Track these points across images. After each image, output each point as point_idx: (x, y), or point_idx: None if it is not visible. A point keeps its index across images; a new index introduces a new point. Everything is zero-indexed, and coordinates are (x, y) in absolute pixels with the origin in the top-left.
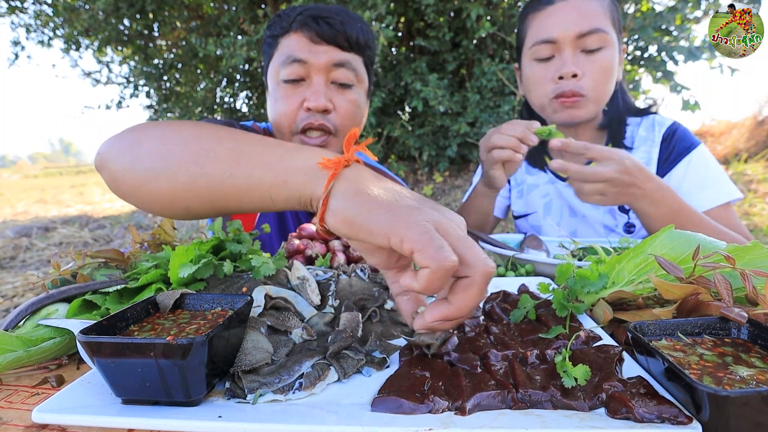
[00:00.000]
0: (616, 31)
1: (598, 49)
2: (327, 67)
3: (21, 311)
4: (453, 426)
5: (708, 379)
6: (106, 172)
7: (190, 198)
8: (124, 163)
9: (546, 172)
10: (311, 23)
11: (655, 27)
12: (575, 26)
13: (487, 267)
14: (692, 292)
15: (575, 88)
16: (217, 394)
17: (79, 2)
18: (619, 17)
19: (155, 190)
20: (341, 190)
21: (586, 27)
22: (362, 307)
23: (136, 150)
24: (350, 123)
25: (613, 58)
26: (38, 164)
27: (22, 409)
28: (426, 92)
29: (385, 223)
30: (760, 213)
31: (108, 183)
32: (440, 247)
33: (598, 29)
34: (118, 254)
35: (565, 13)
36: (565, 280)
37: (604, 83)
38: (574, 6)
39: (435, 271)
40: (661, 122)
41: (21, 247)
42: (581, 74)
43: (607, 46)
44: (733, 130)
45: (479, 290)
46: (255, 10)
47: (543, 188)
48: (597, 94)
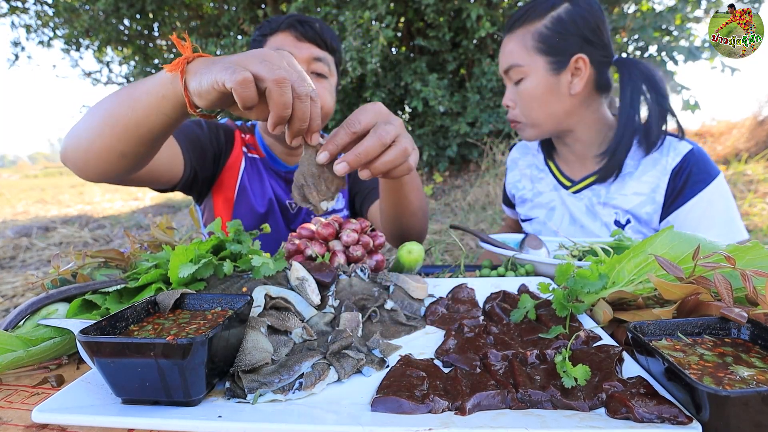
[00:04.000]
0: (549, 53)
1: (519, 81)
2: (308, 60)
3: (21, 311)
4: (453, 426)
5: (708, 379)
6: (68, 163)
7: (118, 143)
8: (70, 147)
9: (552, 178)
10: (297, 25)
11: (655, 27)
12: (501, 65)
13: (276, 74)
14: (692, 292)
15: (512, 117)
16: (217, 394)
17: (79, 2)
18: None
19: (93, 152)
20: (190, 77)
21: (505, 65)
22: (362, 307)
23: (73, 135)
24: (326, 104)
25: (532, 86)
26: (38, 164)
27: (22, 409)
28: (426, 92)
29: (212, 78)
30: (760, 213)
31: (72, 169)
32: (234, 71)
33: (513, 65)
34: (118, 254)
35: (500, 52)
36: (565, 280)
37: (532, 109)
38: (502, 46)
39: (234, 88)
40: (676, 148)
41: (21, 247)
42: (513, 104)
43: (526, 77)
44: (733, 130)
45: (277, 95)
46: (255, 10)
47: (547, 195)
48: (529, 119)
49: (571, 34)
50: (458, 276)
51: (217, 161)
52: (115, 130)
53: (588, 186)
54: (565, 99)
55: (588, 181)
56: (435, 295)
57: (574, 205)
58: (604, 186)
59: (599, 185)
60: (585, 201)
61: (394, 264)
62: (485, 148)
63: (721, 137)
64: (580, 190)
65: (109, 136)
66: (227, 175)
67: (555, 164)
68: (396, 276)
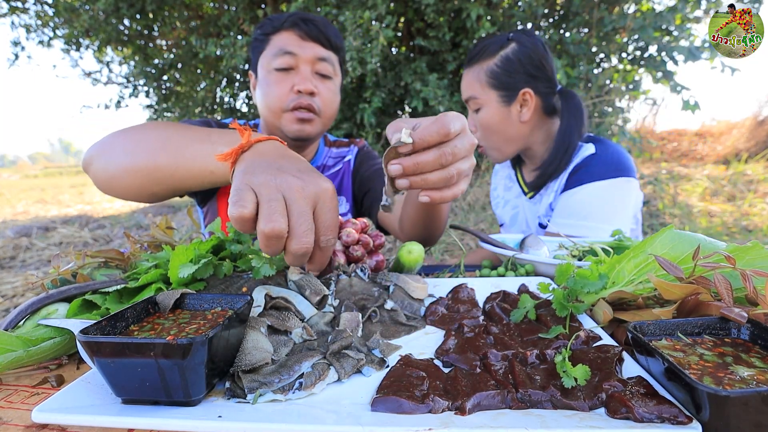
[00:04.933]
0: (500, 88)
1: (478, 110)
2: (312, 60)
3: (21, 311)
4: (453, 426)
5: (708, 379)
6: (90, 173)
7: (152, 185)
8: (100, 164)
9: (517, 187)
10: (301, 24)
11: (655, 27)
12: (463, 95)
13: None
14: (692, 292)
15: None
16: (217, 394)
17: (79, 2)
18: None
19: (125, 183)
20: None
21: (465, 95)
22: (362, 307)
23: (108, 153)
24: (330, 106)
25: (488, 116)
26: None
27: (22, 409)
28: (426, 92)
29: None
30: (760, 213)
31: (93, 181)
32: (265, 219)
33: (471, 97)
34: (118, 254)
35: (462, 84)
36: (565, 280)
37: (488, 136)
38: (463, 79)
39: (260, 234)
40: (583, 151)
41: (21, 247)
42: (475, 129)
43: (482, 107)
44: (733, 130)
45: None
46: (255, 10)
47: (513, 202)
48: (487, 144)
49: (517, 72)
50: (458, 276)
51: None
52: (153, 176)
53: (538, 192)
54: (517, 125)
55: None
56: (435, 295)
57: (530, 209)
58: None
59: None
60: (537, 206)
61: (394, 264)
62: None
63: (721, 137)
64: (533, 196)
65: (146, 179)
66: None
67: (521, 174)
68: (396, 276)
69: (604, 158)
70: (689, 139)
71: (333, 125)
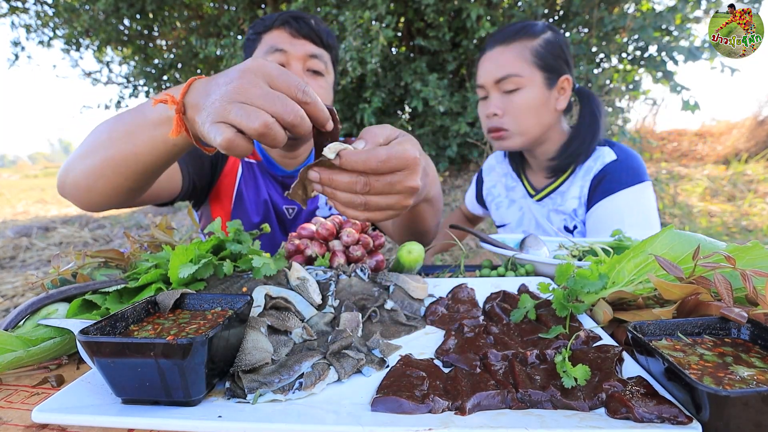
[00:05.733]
0: (545, 69)
1: (515, 90)
2: (304, 57)
3: (21, 311)
4: (453, 426)
5: (708, 379)
6: (67, 195)
7: (125, 181)
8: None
9: (522, 187)
10: (292, 21)
11: (655, 27)
12: (493, 74)
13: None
14: (692, 292)
15: (497, 125)
16: (217, 394)
17: (79, 2)
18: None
19: (97, 187)
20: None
21: (500, 74)
22: (362, 307)
23: (72, 171)
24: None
25: (529, 97)
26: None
27: (22, 409)
28: (426, 92)
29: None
30: (760, 213)
31: (72, 201)
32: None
33: (510, 74)
34: (118, 254)
35: (488, 61)
36: (565, 280)
37: (524, 119)
38: (493, 56)
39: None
40: (603, 156)
41: (21, 247)
42: (501, 113)
43: (523, 87)
44: (733, 130)
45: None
46: (255, 10)
47: (518, 203)
48: (520, 127)
49: (559, 57)
50: (458, 276)
51: (214, 167)
52: (118, 169)
53: (548, 195)
54: (552, 112)
55: (547, 190)
56: (435, 295)
57: (538, 211)
58: (559, 194)
59: (555, 194)
60: (545, 208)
61: (394, 264)
62: (485, 148)
63: (721, 137)
64: (542, 198)
65: (113, 176)
66: (225, 182)
67: (525, 175)
68: (396, 276)
69: (627, 164)
70: (689, 139)
71: None
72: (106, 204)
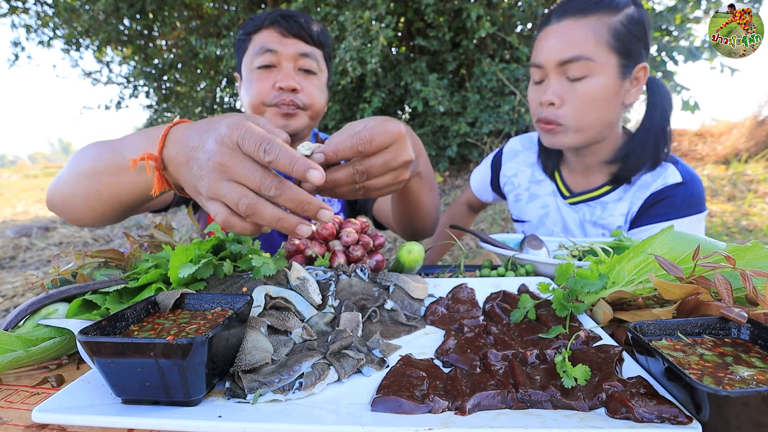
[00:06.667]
0: (623, 54)
1: (581, 78)
2: (294, 57)
3: (21, 311)
4: (453, 426)
5: (708, 379)
6: (57, 213)
7: (112, 212)
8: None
9: (552, 184)
10: (281, 21)
11: (655, 27)
12: (557, 53)
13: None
14: (692, 292)
15: (552, 116)
16: (217, 394)
17: (79, 2)
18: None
19: (86, 216)
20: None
21: (567, 54)
22: (362, 307)
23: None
24: (316, 101)
25: (598, 87)
26: (38, 164)
27: (22, 409)
28: (426, 92)
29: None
30: (760, 213)
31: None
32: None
33: (580, 57)
34: (118, 254)
35: (553, 37)
36: (565, 280)
37: (586, 113)
38: (560, 31)
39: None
40: (668, 176)
41: (21, 247)
42: (560, 103)
43: (592, 75)
44: (733, 130)
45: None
46: (255, 10)
47: (543, 199)
48: (578, 123)
49: (641, 40)
50: (458, 276)
51: None
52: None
53: (585, 201)
54: (618, 108)
55: (587, 196)
56: (435, 295)
57: (569, 215)
58: (600, 204)
59: (595, 203)
60: (579, 214)
61: (394, 264)
62: (485, 148)
63: (721, 137)
64: (577, 203)
65: (99, 206)
66: None
67: (559, 172)
68: (396, 276)
69: (692, 190)
70: (689, 139)
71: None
72: (97, 225)
